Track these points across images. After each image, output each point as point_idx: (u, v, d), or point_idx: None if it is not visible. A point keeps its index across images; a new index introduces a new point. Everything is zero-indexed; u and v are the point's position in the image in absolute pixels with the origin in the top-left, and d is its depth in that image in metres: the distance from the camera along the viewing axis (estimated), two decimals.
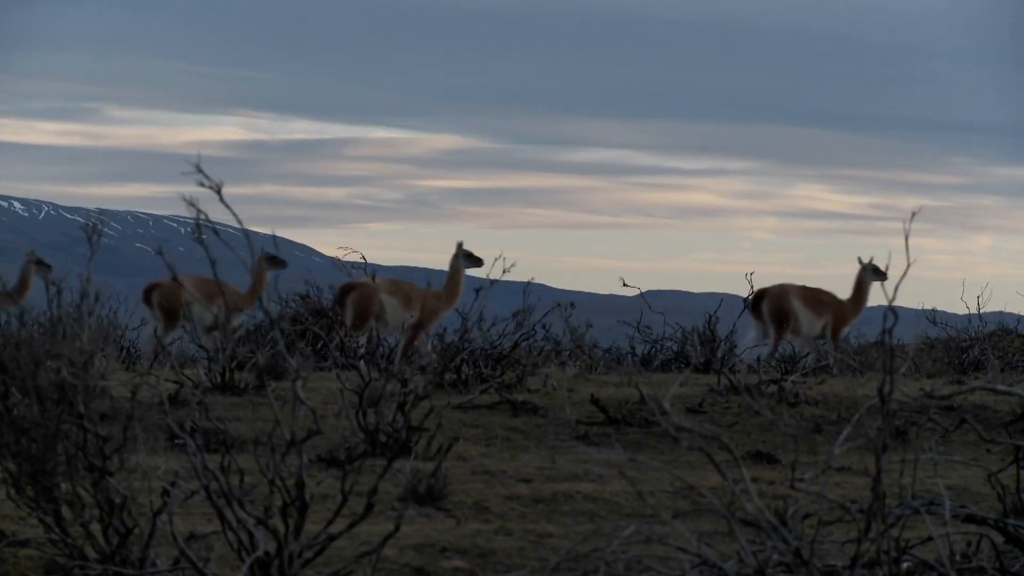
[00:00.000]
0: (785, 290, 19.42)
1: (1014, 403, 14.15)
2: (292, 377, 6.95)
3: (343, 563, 7.35)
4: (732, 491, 6.65)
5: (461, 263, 19.36)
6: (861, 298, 19.70)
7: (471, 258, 19.35)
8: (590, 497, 10.15)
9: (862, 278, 19.62)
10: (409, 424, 9.44)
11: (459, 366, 15.01)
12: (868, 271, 19.57)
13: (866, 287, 19.64)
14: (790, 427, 13.40)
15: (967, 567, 7.40)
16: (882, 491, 6.47)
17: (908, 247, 6.45)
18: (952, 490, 10.14)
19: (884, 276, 19.45)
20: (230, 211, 6.80)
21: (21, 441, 7.54)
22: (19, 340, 7.62)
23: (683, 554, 6.86)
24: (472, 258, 19.35)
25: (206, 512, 8.35)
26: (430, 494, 9.62)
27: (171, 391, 12.69)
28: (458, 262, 19.35)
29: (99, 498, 7.34)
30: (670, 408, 6.61)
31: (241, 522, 6.94)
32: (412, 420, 9.55)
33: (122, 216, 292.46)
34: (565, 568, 7.72)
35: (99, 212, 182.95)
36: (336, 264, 20.13)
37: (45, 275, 19.51)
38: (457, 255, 19.34)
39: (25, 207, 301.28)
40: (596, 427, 13.23)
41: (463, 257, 19.36)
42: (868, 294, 19.73)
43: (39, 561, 7.79)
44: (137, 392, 7.41)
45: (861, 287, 19.64)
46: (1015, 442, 7.88)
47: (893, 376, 6.43)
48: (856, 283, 19.64)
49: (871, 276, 19.59)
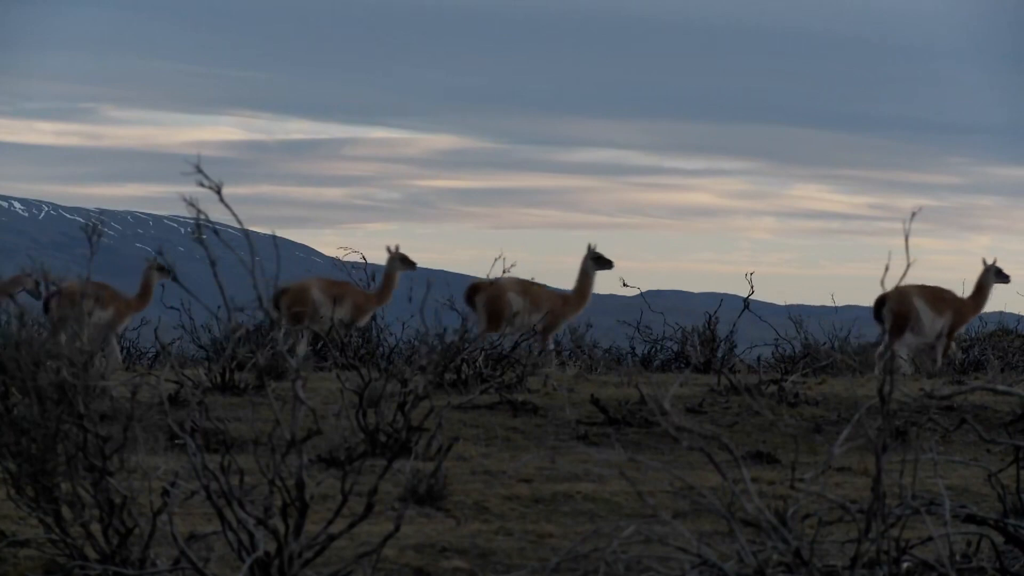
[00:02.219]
0: (907, 291, 19.34)
1: (1014, 403, 14.15)
2: (292, 377, 6.95)
3: (343, 563, 7.35)
4: (732, 491, 6.65)
5: (591, 265, 18.92)
6: (981, 299, 19.60)
7: (601, 260, 18.92)
8: (590, 497, 10.15)
9: (984, 280, 19.48)
10: (409, 424, 9.43)
11: (459, 366, 15.01)
12: (991, 273, 19.47)
13: (987, 288, 19.51)
14: (790, 427, 13.40)
15: (967, 567, 7.40)
16: (882, 491, 6.47)
17: (908, 247, 6.45)
18: (952, 490, 10.14)
19: (1007, 279, 19.44)
20: (230, 211, 6.81)
21: (21, 441, 7.54)
22: (19, 340, 7.62)
23: (683, 554, 6.86)
24: (602, 260, 18.89)
25: (206, 512, 8.35)
26: (430, 494, 9.62)
27: (171, 391, 12.68)
28: (588, 264, 18.94)
29: (99, 498, 7.34)
30: (670, 408, 6.61)
31: (241, 522, 6.94)
32: (412, 420, 9.54)
33: (122, 216, 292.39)
34: (565, 568, 7.72)
35: (99, 212, 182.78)
36: (336, 264, 20.12)
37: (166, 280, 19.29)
38: (587, 257, 18.95)
39: (25, 207, 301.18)
40: (596, 427, 13.23)
41: (593, 259, 18.98)
42: (988, 295, 19.66)
43: (39, 561, 7.79)
44: (137, 392, 7.40)
45: (983, 289, 19.50)
46: (1015, 442, 7.87)
47: (893, 376, 6.44)
48: (978, 284, 19.46)
49: (993, 278, 19.51)
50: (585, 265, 18.86)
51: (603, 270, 18.88)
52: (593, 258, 18.84)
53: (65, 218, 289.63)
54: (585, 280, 18.86)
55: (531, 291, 18.68)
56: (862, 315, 20.45)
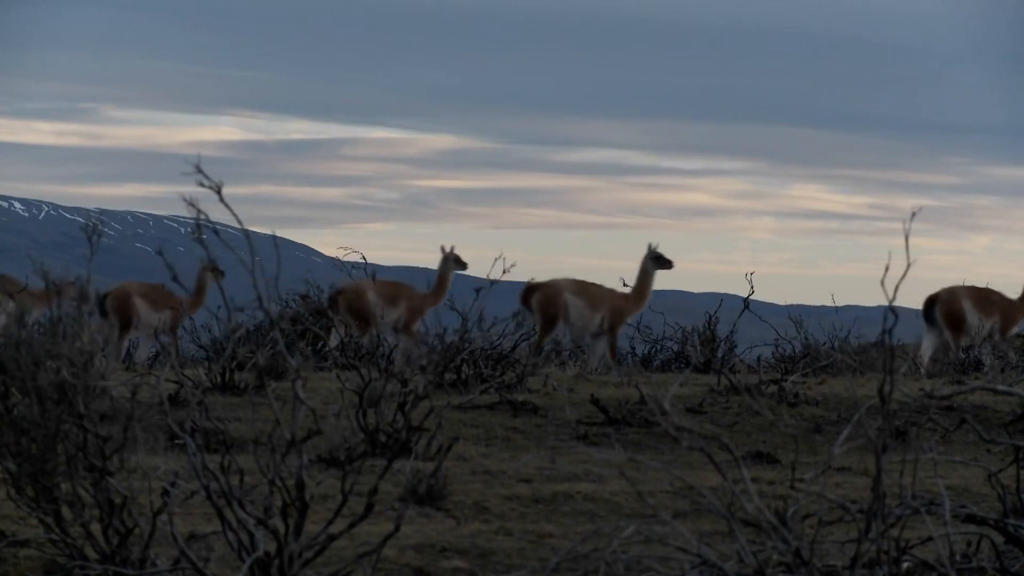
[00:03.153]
0: (955, 293, 19.36)
1: (1014, 403, 14.15)
2: (292, 377, 6.95)
3: (343, 563, 7.35)
4: (732, 491, 6.65)
5: (651, 264, 18.79)
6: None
7: (661, 260, 18.75)
8: (590, 497, 10.15)
9: None
10: (409, 424, 9.43)
11: (459, 366, 15.01)
12: None
13: None
14: (790, 427, 13.40)
15: (967, 567, 7.40)
16: (882, 491, 6.47)
17: (908, 247, 6.45)
18: (952, 490, 10.13)
19: None
20: (230, 211, 6.81)
21: (21, 441, 7.54)
22: (19, 340, 7.62)
23: (683, 554, 6.86)
24: (662, 260, 18.74)
25: (206, 512, 8.35)
26: (430, 494, 9.61)
27: (171, 391, 12.68)
28: (648, 263, 18.82)
29: (99, 498, 7.34)
30: (670, 408, 6.61)
31: (241, 522, 6.94)
32: (412, 420, 9.54)
33: (122, 216, 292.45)
34: (565, 568, 7.72)
35: (99, 212, 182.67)
36: (336, 264, 20.11)
37: (220, 280, 19.34)
38: (647, 256, 18.81)
39: (25, 207, 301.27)
40: (596, 427, 13.23)
41: (653, 259, 18.85)
42: None
43: (39, 561, 7.79)
44: (137, 392, 7.40)
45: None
46: (1015, 442, 7.87)
47: (893, 376, 6.43)
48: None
49: None
50: (645, 264, 18.77)
51: (663, 269, 18.82)
52: (653, 257, 18.76)
53: (65, 218, 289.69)
54: (645, 279, 18.75)
55: (588, 291, 18.57)
56: (862, 315, 20.48)
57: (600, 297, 18.50)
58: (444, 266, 19.23)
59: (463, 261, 19.29)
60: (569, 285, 18.47)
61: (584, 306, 18.41)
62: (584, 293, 18.47)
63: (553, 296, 18.36)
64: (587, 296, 18.46)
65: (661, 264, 18.74)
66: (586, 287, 18.54)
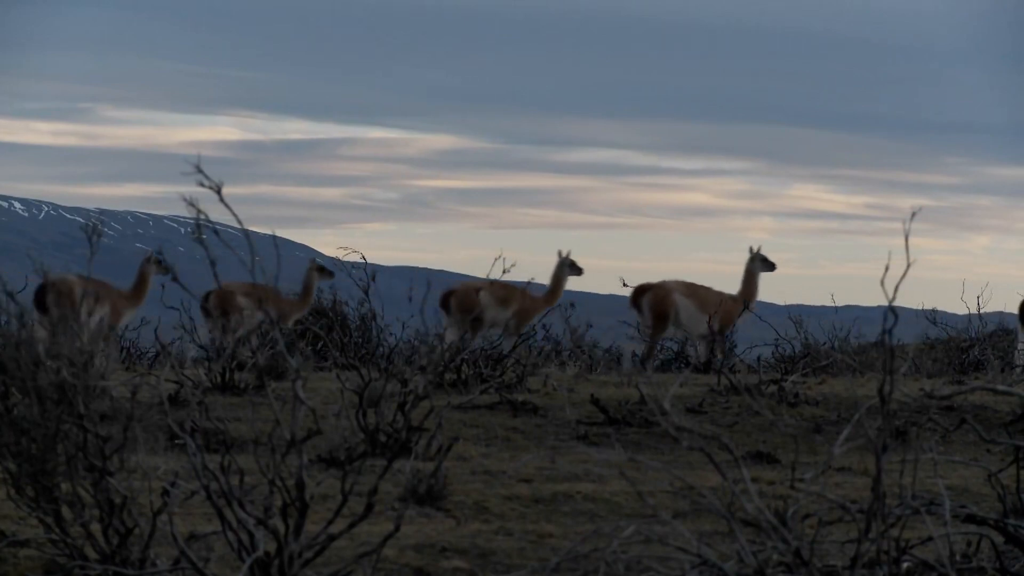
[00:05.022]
0: None
1: (1014, 403, 14.15)
2: (292, 377, 6.95)
3: (343, 563, 7.35)
4: (732, 491, 6.65)
5: (757, 266, 19.04)
6: None
7: (766, 262, 19.07)
8: (590, 497, 10.15)
9: None
10: (409, 424, 9.43)
11: (459, 366, 15.01)
12: None
13: None
14: (790, 427, 13.40)
15: (967, 567, 7.40)
16: (882, 491, 6.47)
17: (908, 247, 6.45)
18: (952, 490, 10.14)
19: None
20: (230, 211, 6.81)
21: (21, 441, 7.54)
22: (19, 340, 7.62)
23: (683, 554, 6.86)
24: (767, 262, 19.07)
25: (206, 512, 8.35)
26: (430, 494, 9.62)
27: (171, 391, 12.68)
28: (754, 265, 19.04)
29: (99, 498, 7.34)
30: (670, 408, 6.61)
31: (241, 522, 6.94)
32: (412, 420, 9.54)
33: (122, 216, 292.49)
34: (565, 568, 7.72)
35: (99, 212, 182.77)
36: (336, 264, 20.11)
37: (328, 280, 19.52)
38: (753, 258, 19.05)
39: (25, 207, 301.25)
40: (596, 427, 13.23)
41: (759, 260, 19.09)
42: None
43: (39, 561, 7.79)
44: (137, 392, 7.40)
45: None
46: (1015, 442, 7.87)
47: (893, 376, 6.43)
48: None
49: None
50: (751, 266, 19.10)
51: (767, 271, 19.09)
52: (759, 259, 19.00)
53: (65, 218, 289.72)
54: (751, 281, 19.07)
55: (698, 293, 18.71)
56: (862, 315, 20.49)
57: (709, 299, 18.65)
58: (560, 270, 19.38)
59: (579, 266, 19.43)
60: (679, 287, 18.63)
61: (694, 307, 18.56)
62: (694, 295, 18.63)
63: (664, 297, 18.48)
64: (697, 298, 18.63)
65: (766, 266, 19.05)
66: (695, 289, 18.75)
